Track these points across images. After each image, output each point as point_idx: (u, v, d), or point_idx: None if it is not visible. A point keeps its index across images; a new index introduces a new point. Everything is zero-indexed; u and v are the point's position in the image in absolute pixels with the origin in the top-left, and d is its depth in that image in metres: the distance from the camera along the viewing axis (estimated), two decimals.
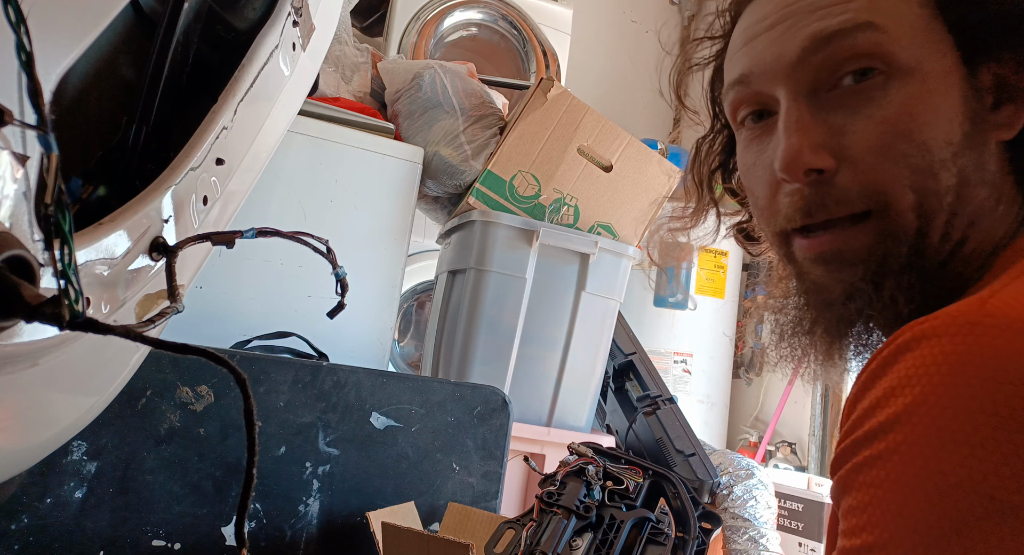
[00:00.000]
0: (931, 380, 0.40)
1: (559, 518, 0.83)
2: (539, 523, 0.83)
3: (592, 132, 1.74)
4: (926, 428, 0.40)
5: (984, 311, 0.41)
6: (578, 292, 1.73)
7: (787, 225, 0.57)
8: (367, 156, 1.69)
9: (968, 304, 0.42)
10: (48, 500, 0.98)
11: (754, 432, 3.34)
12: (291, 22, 0.81)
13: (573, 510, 0.84)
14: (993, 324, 0.40)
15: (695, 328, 3.19)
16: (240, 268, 1.52)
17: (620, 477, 0.92)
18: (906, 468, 0.40)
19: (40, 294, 0.37)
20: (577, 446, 0.96)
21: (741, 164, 0.63)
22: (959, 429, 0.38)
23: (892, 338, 0.45)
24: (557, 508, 0.84)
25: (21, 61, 0.34)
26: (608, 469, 0.93)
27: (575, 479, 0.90)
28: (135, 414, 1.06)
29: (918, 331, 0.43)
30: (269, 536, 1.14)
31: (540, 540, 0.79)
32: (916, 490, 0.39)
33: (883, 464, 0.41)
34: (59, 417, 0.61)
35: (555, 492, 0.87)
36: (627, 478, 0.92)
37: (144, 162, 0.63)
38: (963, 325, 0.41)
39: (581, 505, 0.86)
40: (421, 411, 1.30)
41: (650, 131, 3.74)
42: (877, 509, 0.41)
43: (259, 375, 1.17)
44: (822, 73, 0.54)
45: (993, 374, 0.38)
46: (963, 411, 0.39)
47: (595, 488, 0.90)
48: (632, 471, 0.94)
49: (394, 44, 2.55)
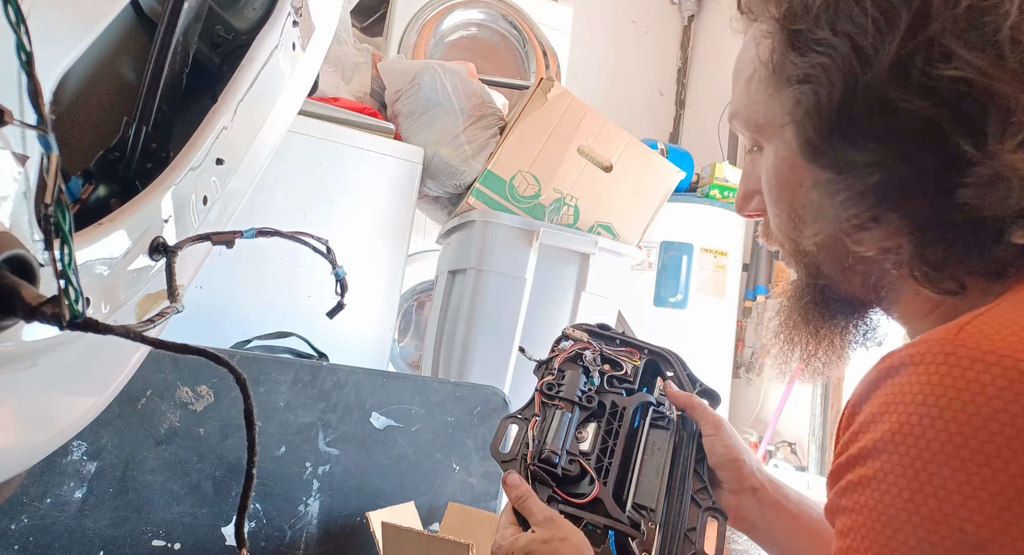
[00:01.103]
0: (907, 408, 0.42)
1: (562, 411, 0.80)
2: (543, 417, 0.80)
3: (592, 132, 1.74)
4: (900, 458, 0.42)
5: (959, 341, 0.43)
6: (578, 292, 1.73)
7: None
8: (367, 156, 1.69)
9: (947, 331, 0.44)
10: (48, 500, 0.98)
11: (754, 432, 3.34)
12: (291, 22, 0.81)
13: (576, 401, 0.82)
14: (966, 355, 0.42)
15: (695, 328, 3.19)
16: (240, 268, 1.53)
17: (618, 360, 0.90)
18: (882, 497, 0.42)
19: (40, 294, 0.37)
20: (572, 331, 0.91)
21: None
22: (931, 461, 0.40)
23: (879, 361, 0.47)
24: (559, 400, 0.82)
25: (21, 61, 0.34)
26: (605, 353, 0.90)
27: (572, 366, 0.86)
28: (135, 414, 1.06)
29: (898, 359, 0.45)
30: (269, 536, 1.14)
31: (547, 438, 0.77)
32: (892, 519, 0.42)
33: (863, 490, 0.44)
34: (59, 417, 0.61)
35: (555, 383, 0.84)
36: (625, 361, 0.90)
37: (144, 162, 0.62)
38: (938, 355, 0.43)
39: (583, 395, 0.83)
40: (421, 411, 1.30)
41: (650, 131, 3.74)
42: (859, 534, 0.43)
43: (259, 375, 1.17)
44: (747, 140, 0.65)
45: (963, 407, 0.40)
46: (935, 444, 0.41)
47: (594, 374, 0.87)
48: (629, 353, 0.91)
49: (394, 44, 2.54)
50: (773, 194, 0.60)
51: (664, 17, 4.03)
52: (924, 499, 0.40)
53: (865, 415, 0.46)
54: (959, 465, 0.39)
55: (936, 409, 0.41)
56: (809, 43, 0.53)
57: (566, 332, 0.91)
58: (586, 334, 0.91)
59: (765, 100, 0.58)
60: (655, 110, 3.96)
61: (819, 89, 0.53)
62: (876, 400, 0.45)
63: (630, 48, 3.92)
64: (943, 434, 0.40)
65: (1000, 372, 0.40)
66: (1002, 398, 0.39)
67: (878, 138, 0.51)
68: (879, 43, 0.49)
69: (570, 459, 0.76)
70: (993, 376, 0.40)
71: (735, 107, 0.63)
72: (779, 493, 0.79)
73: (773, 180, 0.60)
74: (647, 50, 3.95)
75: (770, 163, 0.60)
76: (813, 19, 0.53)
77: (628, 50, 3.91)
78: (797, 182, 0.58)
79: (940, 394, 0.41)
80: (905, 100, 0.49)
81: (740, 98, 0.62)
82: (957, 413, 0.40)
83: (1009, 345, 0.41)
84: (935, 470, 0.40)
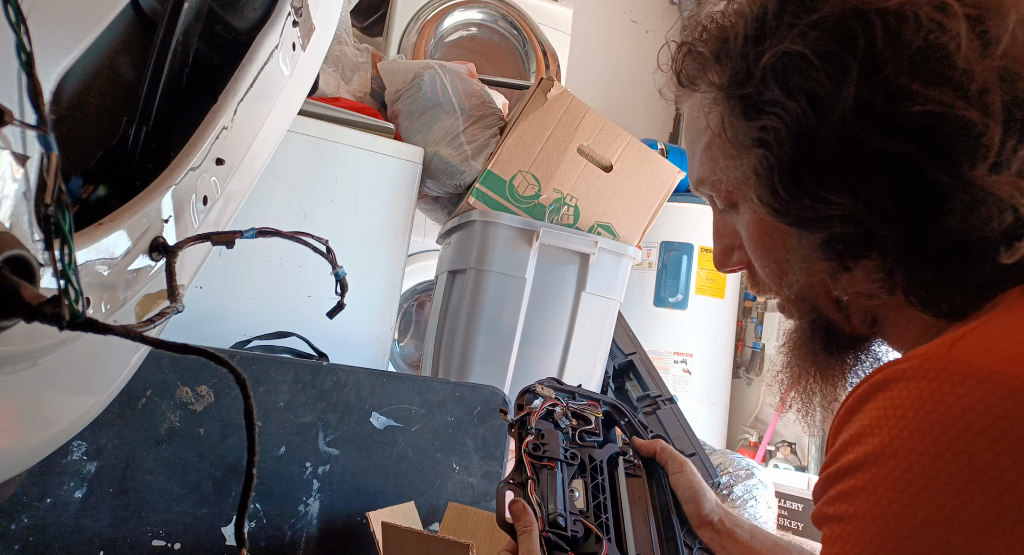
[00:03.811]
0: (898, 423, 0.43)
1: (551, 471, 0.82)
2: (537, 480, 0.81)
3: (592, 132, 1.74)
4: (891, 471, 0.43)
5: (950, 356, 0.43)
6: (578, 292, 1.73)
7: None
8: (367, 156, 1.69)
9: (939, 346, 0.45)
10: (48, 500, 0.98)
11: (754, 432, 3.34)
12: (291, 22, 0.81)
13: (563, 459, 0.83)
14: (957, 371, 0.42)
15: (695, 328, 3.19)
16: (240, 268, 1.52)
17: (583, 414, 0.91)
18: (871, 507, 0.43)
19: (40, 294, 0.37)
20: (540, 388, 0.92)
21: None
22: (921, 474, 0.41)
23: (869, 375, 0.48)
24: (548, 460, 0.83)
25: (21, 61, 0.34)
26: (571, 407, 0.92)
27: (545, 423, 0.88)
28: (135, 414, 1.06)
29: (890, 373, 0.46)
30: (269, 536, 1.14)
31: (547, 501, 0.78)
32: (880, 529, 0.42)
33: (852, 500, 0.44)
34: (59, 417, 0.61)
35: (539, 443, 0.84)
36: (589, 414, 0.92)
37: (144, 162, 0.62)
38: (929, 370, 0.43)
39: (566, 452, 0.85)
40: (421, 411, 1.30)
41: (650, 131, 3.74)
42: (846, 543, 0.44)
43: (259, 375, 1.17)
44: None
45: (954, 422, 0.41)
46: (926, 457, 0.41)
47: (567, 430, 0.88)
48: (591, 406, 0.93)
49: (394, 44, 2.55)
50: (757, 250, 0.61)
51: (664, 17, 4.03)
52: (913, 511, 0.41)
53: (856, 427, 0.46)
54: (949, 479, 0.40)
55: (927, 424, 0.42)
56: (758, 106, 0.54)
57: (534, 389, 0.91)
58: (552, 390, 0.92)
59: (727, 165, 0.59)
60: (655, 110, 3.96)
61: (771, 151, 0.53)
62: (868, 413, 0.46)
63: (630, 48, 3.92)
64: (934, 448, 0.41)
65: (991, 388, 0.41)
66: (992, 414, 0.40)
67: (844, 184, 0.51)
68: (836, 91, 0.50)
69: (574, 519, 0.77)
70: (984, 392, 0.41)
71: (700, 175, 0.64)
72: (734, 523, 0.81)
73: (754, 235, 0.61)
74: (647, 50, 3.95)
75: (747, 220, 0.61)
76: (759, 81, 0.53)
77: (628, 50, 3.91)
78: (772, 238, 0.59)
79: (931, 409, 0.42)
80: (873, 140, 0.49)
81: (703, 165, 0.63)
82: (948, 428, 0.41)
83: (1000, 361, 0.42)
84: (925, 483, 0.41)
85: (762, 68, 0.53)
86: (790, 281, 0.59)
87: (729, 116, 0.56)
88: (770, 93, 0.53)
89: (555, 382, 0.96)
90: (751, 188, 0.57)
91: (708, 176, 0.62)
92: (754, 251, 0.62)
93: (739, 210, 0.62)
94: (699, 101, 0.61)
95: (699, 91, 0.61)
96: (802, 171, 0.52)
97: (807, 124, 0.51)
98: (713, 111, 0.59)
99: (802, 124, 0.51)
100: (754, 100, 0.54)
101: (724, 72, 0.56)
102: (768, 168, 0.54)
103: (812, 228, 0.54)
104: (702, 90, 0.60)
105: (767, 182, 0.55)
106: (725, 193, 0.61)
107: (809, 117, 0.51)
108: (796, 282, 0.58)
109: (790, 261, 0.58)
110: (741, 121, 0.55)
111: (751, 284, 0.67)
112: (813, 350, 0.63)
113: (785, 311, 0.65)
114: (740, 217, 0.62)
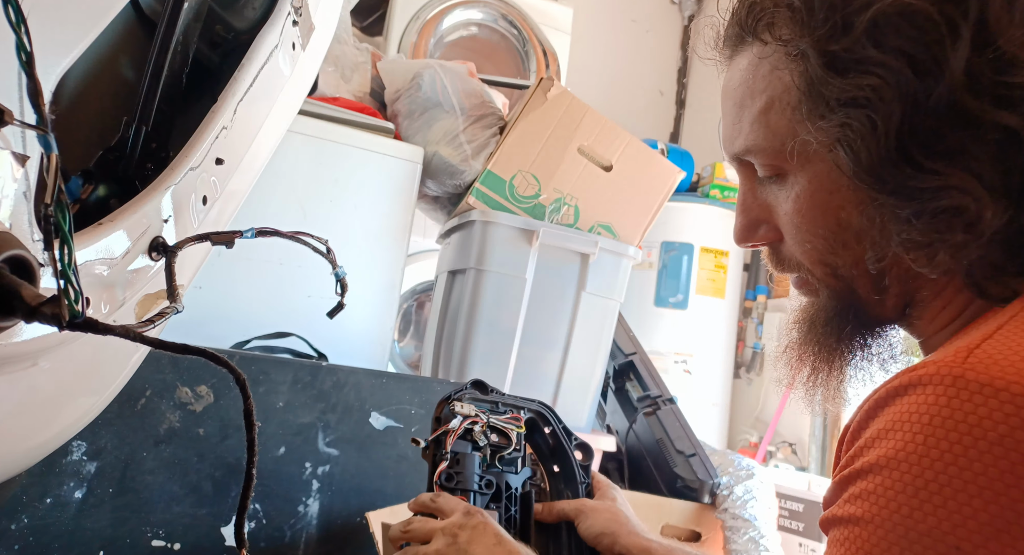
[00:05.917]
0: (913, 428, 0.44)
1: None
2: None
3: (592, 132, 1.74)
4: (903, 475, 0.43)
5: (967, 365, 0.43)
6: (578, 292, 1.73)
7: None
8: (367, 156, 1.69)
9: (956, 353, 0.45)
10: (48, 500, 0.98)
11: (754, 432, 3.34)
12: (291, 22, 0.81)
13: (476, 491, 0.83)
14: (974, 379, 0.42)
15: (695, 328, 3.19)
16: (240, 268, 1.52)
17: (505, 430, 0.89)
18: (881, 510, 0.43)
19: (40, 294, 0.37)
20: (459, 406, 0.89)
21: None
22: (933, 479, 0.42)
23: (888, 381, 0.48)
24: (460, 493, 0.82)
25: (21, 61, 0.34)
26: (492, 422, 0.89)
27: (463, 445, 0.86)
28: (135, 414, 1.06)
29: (907, 379, 0.46)
30: (269, 536, 1.14)
31: None
32: (889, 533, 0.43)
33: (862, 503, 0.45)
34: (59, 417, 0.61)
35: (452, 473, 0.83)
36: (511, 428, 0.90)
37: (144, 162, 0.62)
38: (946, 377, 0.43)
39: (480, 480, 0.84)
40: (421, 411, 1.30)
41: (650, 131, 3.74)
42: (854, 544, 0.44)
43: (259, 375, 1.17)
44: (748, 171, 0.62)
45: (969, 431, 0.41)
46: (940, 463, 0.42)
47: (486, 452, 0.87)
48: (513, 418, 0.91)
49: (394, 44, 2.55)
50: (805, 220, 0.57)
51: (664, 17, 4.03)
52: (923, 516, 0.41)
53: (871, 432, 0.46)
54: (960, 486, 0.41)
55: (942, 431, 0.42)
56: (850, 63, 0.51)
57: (453, 408, 0.88)
58: (473, 406, 0.90)
59: (795, 127, 0.55)
60: (655, 110, 3.96)
61: (873, 111, 0.50)
62: (883, 418, 0.46)
63: (630, 48, 3.92)
64: (947, 455, 0.41)
65: (1008, 398, 0.41)
66: (1007, 424, 0.40)
67: (948, 154, 0.49)
68: (942, 56, 0.48)
69: None
70: (1000, 401, 0.41)
71: (749, 142, 0.59)
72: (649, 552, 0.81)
73: (806, 206, 0.56)
74: (647, 50, 3.95)
75: (801, 189, 0.57)
76: (855, 38, 0.50)
77: (628, 50, 3.91)
78: (838, 206, 0.55)
79: (947, 416, 0.42)
80: (983, 110, 0.48)
81: (755, 131, 0.58)
82: (963, 436, 0.41)
83: (1018, 371, 0.42)
84: (936, 489, 0.41)
85: (865, 22, 0.50)
86: (842, 257, 0.56)
87: (818, 72, 0.52)
88: (864, 51, 0.50)
89: (477, 391, 0.94)
90: (836, 150, 0.52)
91: (759, 143, 0.57)
92: (799, 224, 0.57)
93: (787, 180, 0.58)
94: (757, 59, 0.57)
95: (768, 43, 0.56)
96: (907, 136, 0.49)
97: (913, 87, 0.48)
98: (787, 68, 0.54)
99: (909, 86, 0.49)
100: (844, 58, 0.51)
101: (814, 24, 0.52)
102: (868, 130, 0.50)
103: (908, 198, 0.51)
104: (772, 43, 0.55)
105: (865, 144, 0.50)
106: (782, 158, 0.57)
107: (910, 80, 0.48)
108: (849, 258, 0.55)
109: (851, 233, 0.54)
110: (836, 78, 0.51)
111: (773, 261, 0.63)
112: (837, 329, 0.60)
113: (807, 288, 0.61)
114: (786, 188, 0.58)
